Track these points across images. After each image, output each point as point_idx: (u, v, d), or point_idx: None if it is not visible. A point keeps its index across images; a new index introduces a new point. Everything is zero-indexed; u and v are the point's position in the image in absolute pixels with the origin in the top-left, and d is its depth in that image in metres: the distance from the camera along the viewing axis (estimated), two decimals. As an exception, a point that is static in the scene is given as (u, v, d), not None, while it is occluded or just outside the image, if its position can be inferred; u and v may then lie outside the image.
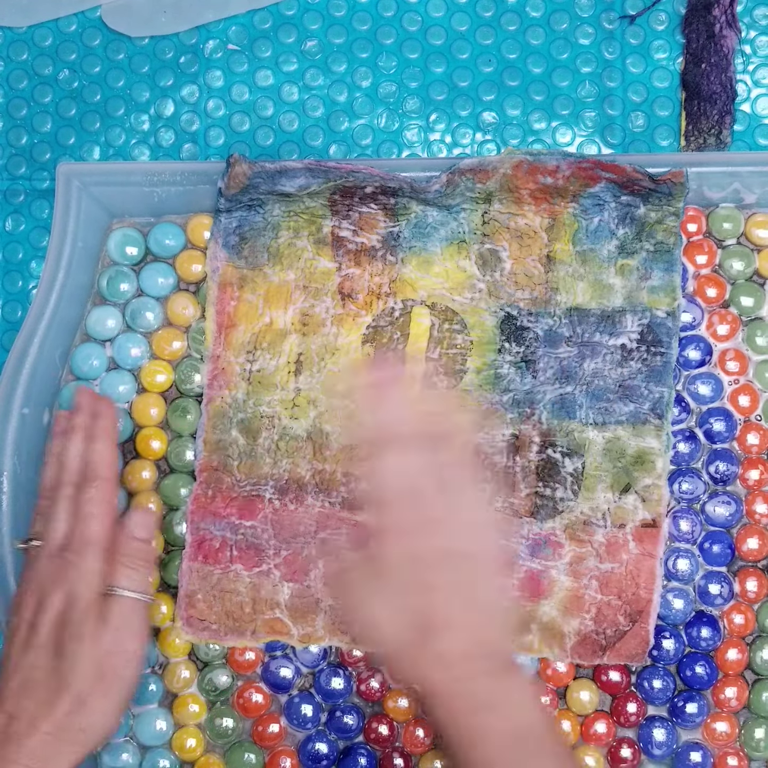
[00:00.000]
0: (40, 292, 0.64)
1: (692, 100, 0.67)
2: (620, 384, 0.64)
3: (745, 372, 0.66)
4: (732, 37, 0.67)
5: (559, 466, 0.64)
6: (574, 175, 0.63)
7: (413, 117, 0.69)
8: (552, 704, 0.64)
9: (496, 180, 0.63)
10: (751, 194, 0.65)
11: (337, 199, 0.64)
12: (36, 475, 0.66)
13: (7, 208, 0.70)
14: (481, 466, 0.61)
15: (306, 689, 0.66)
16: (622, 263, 0.64)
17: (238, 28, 0.70)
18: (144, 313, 0.67)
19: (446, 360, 0.65)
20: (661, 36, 0.69)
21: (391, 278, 0.65)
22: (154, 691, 0.66)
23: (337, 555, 0.59)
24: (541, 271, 0.65)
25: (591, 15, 0.69)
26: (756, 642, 0.64)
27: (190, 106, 0.70)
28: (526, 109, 0.69)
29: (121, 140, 0.70)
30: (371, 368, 0.59)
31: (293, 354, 0.65)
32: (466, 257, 0.65)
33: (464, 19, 0.69)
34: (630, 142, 0.68)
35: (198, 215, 0.67)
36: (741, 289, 0.66)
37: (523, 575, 0.64)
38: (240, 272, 0.66)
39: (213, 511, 0.65)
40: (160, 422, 0.67)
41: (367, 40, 0.70)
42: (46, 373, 0.65)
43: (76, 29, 0.70)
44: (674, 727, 0.64)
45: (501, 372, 0.65)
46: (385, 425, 0.54)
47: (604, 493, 0.64)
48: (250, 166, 0.63)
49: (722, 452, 0.65)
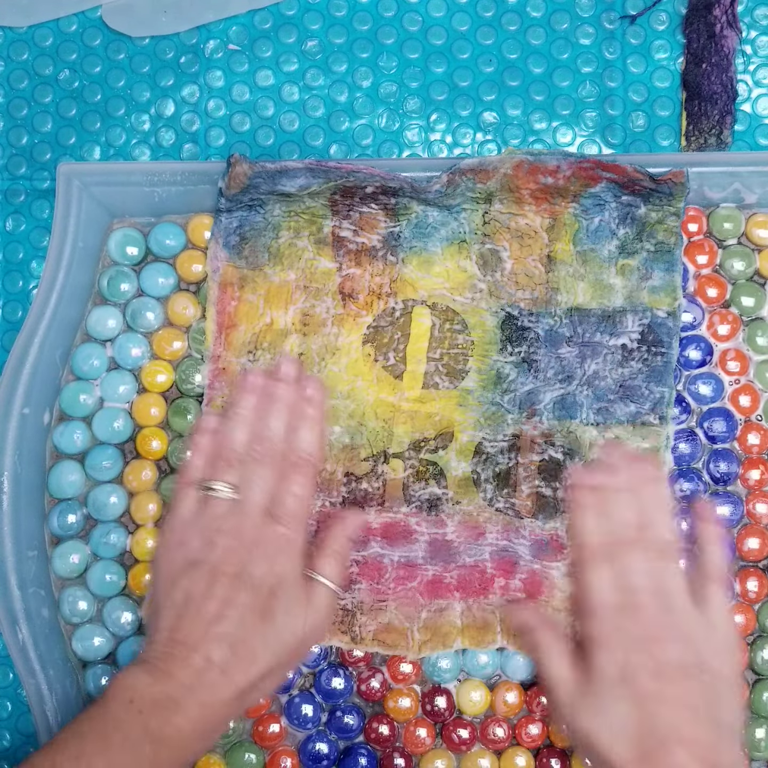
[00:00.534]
0: (41, 292, 0.64)
1: (693, 100, 0.67)
2: (621, 384, 0.64)
3: (746, 372, 0.66)
4: (733, 37, 0.67)
5: (561, 465, 0.64)
6: (574, 175, 0.63)
7: (414, 117, 0.69)
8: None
9: (496, 180, 0.63)
10: (752, 194, 0.65)
11: (337, 199, 0.64)
12: (36, 475, 0.66)
13: (8, 208, 0.70)
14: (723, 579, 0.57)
15: (306, 689, 0.66)
16: (622, 263, 0.64)
17: (239, 28, 0.70)
18: (144, 313, 0.67)
19: (447, 360, 0.65)
20: (661, 36, 0.69)
21: (392, 278, 0.65)
22: (155, 691, 0.66)
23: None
24: (542, 271, 0.65)
25: (592, 15, 0.69)
26: (756, 642, 0.64)
27: (191, 106, 0.70)
28: (527, 109, 0.69)
29: (122, 140, 0.70)
30: (595, 470, 0.59)
31: (294, 354, 0.65)
32: (466, 257, 0.65)
33: (465, 19, 0.69)
34: (631, 142, 0.68)
35: (198, 215, 0.67)
36: (742, 289, 0.66)
37: (524, 576, 0.64)
38: (240, 272, 0.66)
39: (213, 511, 0.65)
40: (161, 422, 0.67)
41: (368, 40, 0.70)
42: (47, 373, 0.65)
43: (77, 29, 0.70)
44: (675, 727, 0.64)
45: (502, 372, 0.65)
46: (610, 533, 0.55)
47: (605, 493, 0.64)
48: (251, 166, 0.63)
49: (723, 452, 0.65)
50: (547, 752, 0.64)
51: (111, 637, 0.66)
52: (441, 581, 0.64)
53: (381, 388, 0.65)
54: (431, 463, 0.64)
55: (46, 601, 0.65)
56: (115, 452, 0.66)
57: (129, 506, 0.66)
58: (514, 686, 0.65)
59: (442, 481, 0.64)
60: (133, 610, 0.66)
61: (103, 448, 0.66)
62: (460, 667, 0.65)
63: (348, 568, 0.63)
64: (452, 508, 0.64)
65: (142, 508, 0.66)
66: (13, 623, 0.63)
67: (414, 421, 0.65)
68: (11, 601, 0.63)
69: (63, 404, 0.66)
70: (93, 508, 0.66)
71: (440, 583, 0.64)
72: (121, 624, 0.65)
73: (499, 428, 0.64)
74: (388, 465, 0.64)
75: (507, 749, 0.65)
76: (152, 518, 0.66)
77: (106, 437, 0.66)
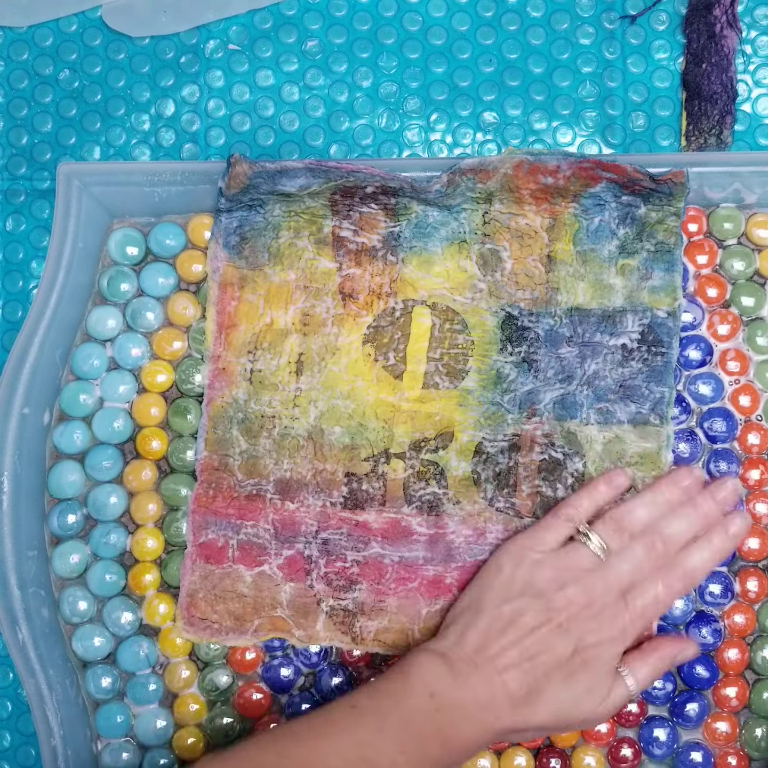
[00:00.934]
0: (41, 292, 0.64)
1: (693, 100, 0.67)
2: (621, 384, 0.64)
3: (746, 372, 0.66)
4: (733, 37, 0.67)
5: (561, 465, 0.64)
6: (574, 175, 0.63)
7: (414, 117, 0.69)
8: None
9: (496, 180, 0.63)
10: (752, 194, 0.65)
11: (337, 199, 0.64)
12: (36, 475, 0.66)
13: (8, 208, 0.70)
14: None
15: (306, 689, 0.66)
16: (622, 263, 0.64)
17: (239, 28, 0.70)
18: (144, 313, 0.67)
19: (447, 360, 0.65)
20: (661, 36, 0.69)
21: (392, 278, 0.65)
22: (155, 691, 0.66)
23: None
24: (542, 271, 0.65)
25: (592, 15, 0.69)
26: (756, 642, 0.64)
27: (191, 106, 0.70)
28: (527, 109, 0.69)
29: (122, 140, 0.70)
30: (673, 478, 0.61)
31: (294, 354, 0.65)
32: (466, 257, 0.65)
33: (465, 19, 0.69)
34: (631, 142, 0.68)
35: (198, 215, 0.67)
36: (742, 289, 0.66)
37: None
38: (240, 272, 0.66)
39: (214, 511, 0.65)
40: (161, 422, 0.67)
41: (368, 40, 0.70)
42: (47, 373, 0.65)
43: (77, 29, 0.70)
44: (675, 727, 0.64)
45: (502, 372, 0.65)
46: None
47: (605, 493, 0.64)
48: (251, 166, 0.63)
49: (723, 452, 0.65)
50: (547, 752, 0.64)
51: (111, 637, 0.66)
52: (442, 581, 0.64)
53: (381, 388, 0.65)
54: (431, 463, 0.64)
55: (46, 601, 0.65)
56: (115, 452, 0.66)
57: (129, 506, 0.66)
58: (514, 686, 0.65)
59: (442, 481, 0.64)
60: (133, 610, 0.66)
61: (103, 448, 0.66)
62: (461, 667, 0.65)
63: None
64: (453, 508, 0.64)
65: (142, 508, 0.66)
66: (13, 623, 0.63)
67: (414, 421, 0.65)
68: (11, 601, 0.63)
69: (63, 404, 0.66)
70: (93, 508, 0.66)
71: (441, 584, 0.64)
72: (121, 624, 0.65)
73: (500, 428, 0.64)
74: (388, 465, 0.64)
75: (507, 749, 0.65)
76: (152, 518, 0.66)
77: (106, 437, 0.66)
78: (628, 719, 0.64)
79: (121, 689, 0.66)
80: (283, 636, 0.64)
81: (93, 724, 0.66)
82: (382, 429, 0.65)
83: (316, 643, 0.64)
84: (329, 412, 0.65)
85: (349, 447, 0.65)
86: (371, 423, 0.65)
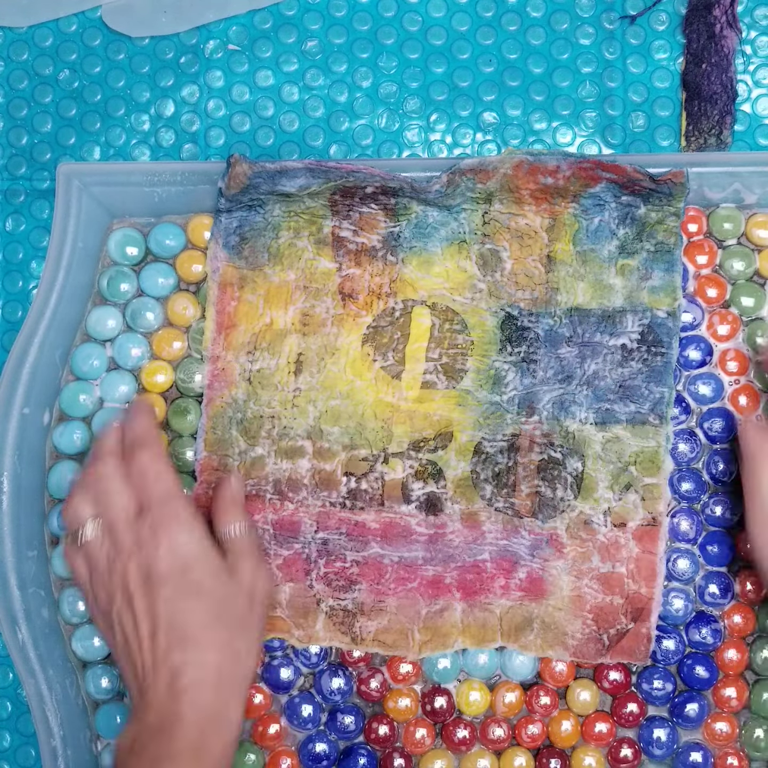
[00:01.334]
0: (41, 292, 0.64)
1: (693, 101, 0.67)
2: (620, 384, 0.64)
3: (746, 372, 0.66)
4: (732, 38, 0.67)
5: (560, 465, 0.64)
6: (574, 176, 0.63)
7: (414, 117, 0.69)
8: (552, 704, 0.65)
9: (496, 180, 0.63)
10: (752, 194, 0.65)
11: (337, 199, 0.64)
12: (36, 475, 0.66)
13: (8, 208, 0.70)
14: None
15: (306, 689, 0.66)
16: (622, 263, 0.64)
17: (239, 29, 0.70)
18: (144, 313, 0.67)
19: (447, 360, 0.65)
20: (661, 36, 0.69)
21: (392, 278, 0.65)
22: (155, 692, 0.66)
23: None
24: (542, 272, 0.65)
25: (591, 15, 0.69)
26: (756, 642, 0.64)
27: (191, 106, 0.70)
28: (527, 109, 0.69)
29: (122, 140, 0.70)
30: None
31: (293, 354, 0.65)
32: (466, 257, 0.65)
33: (465, 19, 0.69)
34: (630, 143, 0.68)
35: (198, 215, 0.67)
36: (741, 290, 0.66)
37: (524, 575, 0.64)
38: (240, 272, 0.66)
39: (213, 511, 0.65)
40: (160, 422, 0.67)
41: (368, 40, 0.70)
42: (47, 373, 0.65)
43: (77, 29, 0.70)
44: (674, 727, 0.64)
45: (501, 372, 0.65)
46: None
47: (605, 492, 0.64)
48: (251, 166, 0.63)
49: (723, 452, 0.65)
50: (547, 752, 0.64)
51: (111, 637, 0.66)
52: (441, 581, 0.64)
53: (380, 388, 0.65)
54: (430, 463, 0.64)
55: (46, 601, 0.65)
56: (114, 452, 0.66)
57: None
58: (513, 686, 0.65)
59: (441, 480, 0.64)
60: (133, 610, 0.66)
61: (102, 448, 0.66)
62: (460, 667, 0.65)
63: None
64: (452, 507, 0.64)
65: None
66: (13, 623, 0.63)
67: (413, 421, 0.65)
68: (11, 601, 0.63)
69: (63, 404, 0.66)
70: (93, 508, 0.66)
71: (440, 583, 0.64)
72: (120, 624, 0.66)
73: (499, 428, 0.64)
74: (387, 465, 0.64)
75: (507, 749, 0.65)
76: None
77: (105, 437, 0.66)
78: (629, 719, 0.64)
79: (121, 689, 0.66)
80: (283, 636, 0.64)
81: (93, 724, 0.66)
82: (381, 429, 0.65)
83: (316, 644, 0.64)
84: (328, 412, 0.65)
85: (348, 447, 0.65)
86: (370, 423, 0.65)
